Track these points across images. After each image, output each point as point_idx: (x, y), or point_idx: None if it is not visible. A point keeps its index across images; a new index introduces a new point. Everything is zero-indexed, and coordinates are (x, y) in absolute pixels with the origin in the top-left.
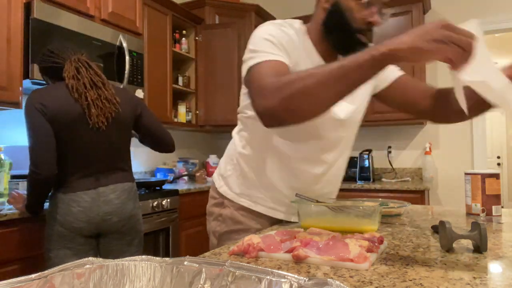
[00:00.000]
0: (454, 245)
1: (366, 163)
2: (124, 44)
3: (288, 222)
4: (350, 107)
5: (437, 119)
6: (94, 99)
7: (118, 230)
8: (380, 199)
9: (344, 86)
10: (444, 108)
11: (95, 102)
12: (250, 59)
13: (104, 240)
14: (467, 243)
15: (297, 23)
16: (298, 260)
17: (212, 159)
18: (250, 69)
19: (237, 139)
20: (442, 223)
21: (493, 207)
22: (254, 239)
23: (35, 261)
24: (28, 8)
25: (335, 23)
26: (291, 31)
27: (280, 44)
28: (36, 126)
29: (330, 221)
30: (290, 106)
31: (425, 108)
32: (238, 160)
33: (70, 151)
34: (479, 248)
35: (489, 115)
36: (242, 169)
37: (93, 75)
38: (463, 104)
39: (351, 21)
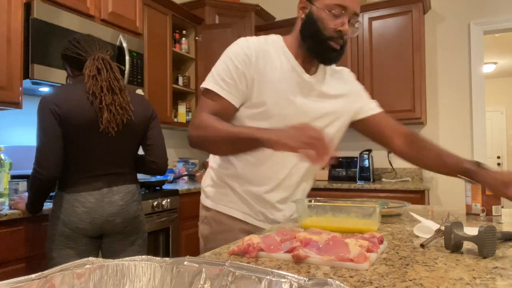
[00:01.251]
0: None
1: (366, 163)
2: (124, 44)
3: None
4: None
5: (410, 161)
6: (109, 104)
7: (121, 231)
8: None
9: (231, 149)
10: (416, 157)
11: (109, 107)
12: (209, 77)
13: (107, 241)
14: (471, 244)
15: (275, 36)
16: (298, 260)
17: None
18: (203, 90)
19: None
20: (448, 223)
21: (493, 207)
22: (254, 239)
23: (35, 261)
24: (28, 8)
25: (309, 31)
26: (265, 45)
27: (235, 69)
28: (46, 128)
29: (330, 221)
30: (201, 146)
31: (399, 148)
32: (210, 172)
33: (77, 153)
34: (483, 252)
35: (489, 115)
36: (213, 179)
37: (112, 80)
38: None
39: (323, 30)
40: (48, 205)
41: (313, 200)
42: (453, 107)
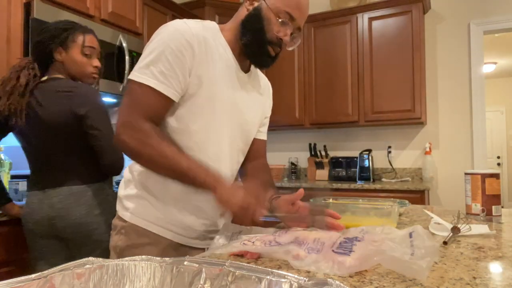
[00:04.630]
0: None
1: (366, 163)
2: (124, 44)
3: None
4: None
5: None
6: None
7: (71, 237)
8: (392, 198)
9: (175, 178)
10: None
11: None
12: (142, 68)
13: (71, 244)
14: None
15: (211, 23)
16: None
17: None
18: (133, 83)
19: None
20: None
21: (493, 207)
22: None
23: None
24: (28, 8)
25: (252, 26)
26: (205, 32)
27: (175, 59)
28: None
29: (348, 220)
30: (136, 157)
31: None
32: (135, 178)
33: (22, 148)
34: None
35: (489, 115)
36: (138, 186)
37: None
38: None
39: (266, 30)
40: None
41: (331, 199)
42: (453, 107)
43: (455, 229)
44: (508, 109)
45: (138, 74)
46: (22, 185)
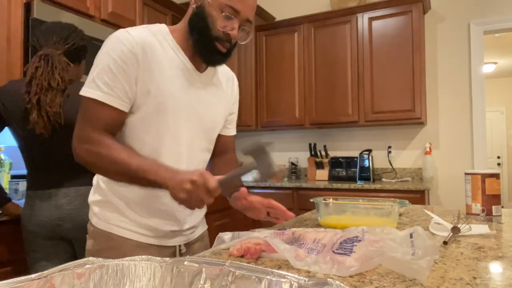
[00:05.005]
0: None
1: (366, 163)
2: None
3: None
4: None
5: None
6: (35, 104)
7: (78, 237)
8: (392, 198)
9: (130, 182)
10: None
11: (36, 108)
12: (89, 82)
13: (77, 245)
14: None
15: (160, 26)
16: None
17: None
18: (83, 98)
19: None
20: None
21: (493, 207)
22: (253, 241)
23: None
24: (28, 8)
25: (196, 24)
26: (151, 38)
27: (119, 69)
28: None
29: (349, 219)
30: (92, 168)
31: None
32: (99, 184)
33: (24, 148)
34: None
35: (489, 115)
36: (103, 192)
37: (46, 80)
38: None
39: (210, 28)
40: None
41: (331, 199)
42: (453, 107)
43: (455, 229)
44: (508, 109)
45: (85, 88)
46: (22, 185)
